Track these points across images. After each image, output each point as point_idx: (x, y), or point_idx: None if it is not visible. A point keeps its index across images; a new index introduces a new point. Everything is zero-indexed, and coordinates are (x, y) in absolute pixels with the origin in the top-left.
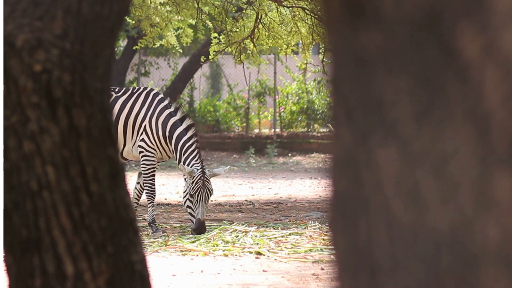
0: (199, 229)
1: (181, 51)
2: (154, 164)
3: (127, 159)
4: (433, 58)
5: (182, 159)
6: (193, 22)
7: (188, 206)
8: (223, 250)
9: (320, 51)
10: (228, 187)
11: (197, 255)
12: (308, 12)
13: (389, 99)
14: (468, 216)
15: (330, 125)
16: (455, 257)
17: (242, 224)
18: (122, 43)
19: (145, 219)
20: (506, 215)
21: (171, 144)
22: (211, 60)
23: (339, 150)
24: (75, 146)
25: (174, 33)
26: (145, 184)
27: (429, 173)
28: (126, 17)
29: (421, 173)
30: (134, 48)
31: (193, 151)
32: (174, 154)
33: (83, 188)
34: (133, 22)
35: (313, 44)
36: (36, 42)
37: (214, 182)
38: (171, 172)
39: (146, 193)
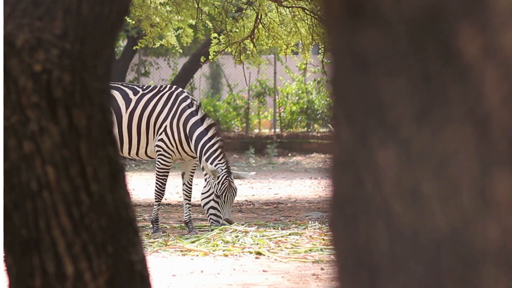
0: None
1: (181, 51)
2: (169, 165)
3: (152, 158)
4: (433, 58)
5: (203, 159)
6: (193, 22)
7: (212, 207)
8: (223, 250)
9: (320, 51)
10: None
11: (197, 255)
12: (308, 12)
13: (389, 100)
14: (468, 216)
15: (330, 125)
16: (455, 257)
17: (242, 224)
18: (122, 43)
19: (145, 219)
20: (506, 215)
21: (191, 144)
22: (211, 60)
23: (339, 150)
24: (75, 146)
25: (174, 33)
26: (156, 182)
27: (429, 173)
28: (126, 17)
29: (421, 173)
30: (134, 48)
31: (215, 150)
32: (195, 154)
33: (83, 188)
34: (133, 22)
35: (313, 44)
36: (36, 42)
37: None
38: (171, 172)
39: (155, 191)
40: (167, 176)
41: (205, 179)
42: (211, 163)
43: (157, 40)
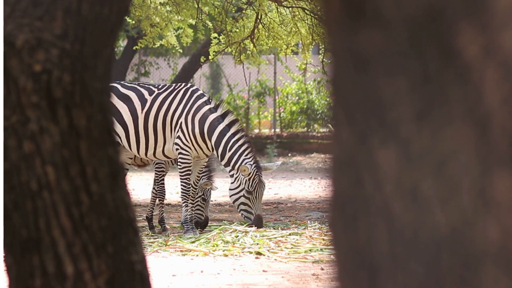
0: (259, 224)
1: (181, 51)
2: (190, 163)
3: (169, 157)
4: (433, 58)
5: (227, 156)
6: (193, 22)
7: (243, 203)
8: (223, 250)
9: (320, 51)
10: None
11: (197, 255)
12: (308, 12)
13: (389, 100)
14: (468, 216)
15: (330, 125)
16: (455, 257)
17: (242, 224)
18: (122, 43)
19: (145, 219)
20: (506, 215)
21: (210, 141)
22: (211, 60)
23: (339, 150)
24: (75, 146)
25: (174, 33)
26: (180, 183)
27: (429, 173)
28: (126, 17)
29: (421, 173)
30: (134, 48)
31: (240, 146)
32: (215, 152)
33: (83, 188)
34: (133, 22)
35: (313, 44)
36: (36, 42)
37: (215, 183)
38: (171, 172)
39: (181, 191)
40: (190, 173)
41: (231, 175)
42: (238, 158)
43: (157, 40)
